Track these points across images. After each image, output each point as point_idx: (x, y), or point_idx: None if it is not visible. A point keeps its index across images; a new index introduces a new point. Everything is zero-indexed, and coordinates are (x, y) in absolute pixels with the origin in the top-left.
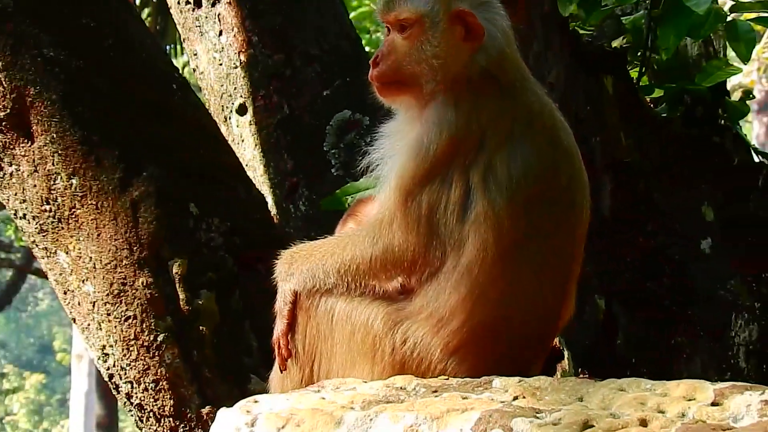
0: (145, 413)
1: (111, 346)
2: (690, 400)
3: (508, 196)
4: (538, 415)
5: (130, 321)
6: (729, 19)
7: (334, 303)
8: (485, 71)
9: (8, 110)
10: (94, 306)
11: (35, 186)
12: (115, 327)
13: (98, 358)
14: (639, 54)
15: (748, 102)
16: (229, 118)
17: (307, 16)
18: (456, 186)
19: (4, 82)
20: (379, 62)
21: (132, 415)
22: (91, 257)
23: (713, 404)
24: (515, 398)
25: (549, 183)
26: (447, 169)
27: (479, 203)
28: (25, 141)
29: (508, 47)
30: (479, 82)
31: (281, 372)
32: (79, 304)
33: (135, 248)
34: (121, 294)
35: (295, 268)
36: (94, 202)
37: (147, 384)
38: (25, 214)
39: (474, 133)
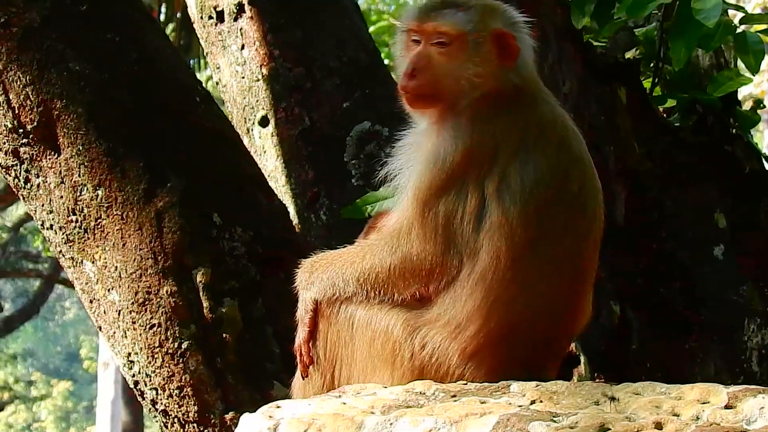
0: (169, 419)
1: (136, 353)
2: (704, 403)
3: (521, 205)
4: (555, 418)
5: (154, 329)
6: (738, 31)
7: (354, 310)
8: (514, 88)
9: (35, 123)
10: (119, 314)
11: (62, 197)
12: (140, 335)
13: (124, 366)
14: (651, 65)
15: (759, 112)
16: (252, 130)
17: (326, 30)
18: (471, 197)
19: (31, 96)
20: (415, 75)
21: (157, 422)
22: (116, 267)
23: (727, 407)
24: (532, 402)
25: (559, 190)
26: (462, 180)
27: (494, 213)
28: (52, 153)
29: (533, 69)
30: (500, 97)
31: (303, 378)
32: (104, 312)
33: (159, 257)
34: (146, 302)
35: (316, 277)
36: (119, 213)
37: (171, 390)
38: (52, 225)
39: (488, 145)
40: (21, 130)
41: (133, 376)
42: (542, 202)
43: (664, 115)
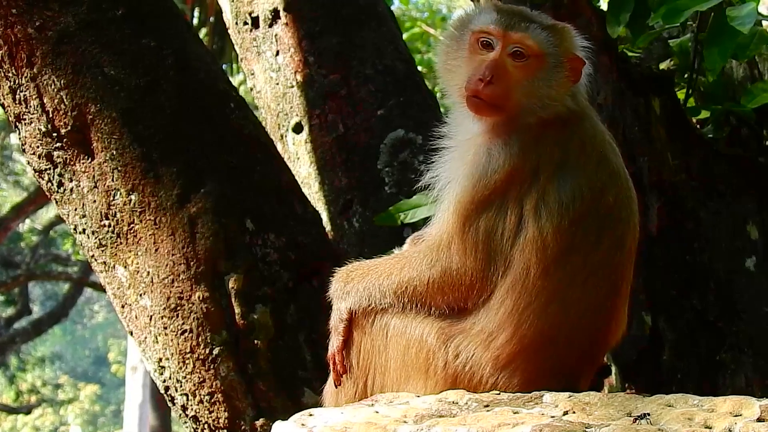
0: (200, 425)
1: (167, 359)
2: (736, 415)
3: (557, 220)
4: (587, 429)
5: (186, 334)
6: None
7: (388, 320)
8: (569, 110)
9: (69, 127)
10: (151, 319)
11: (95, 202)
12: (172, 340)
13: (154, 371)
14: (686, 76)
15: None
16: (285, 136)
17: (363, 37)
18: (511, 213)
19: (65, 100)
20: (492, 82)
21: (187, 427)
22: (148, 272)
23: (759, 420)
24: (565, 413)
25: (595, 203)
26: (503, 197)
27: (530, 229)
28: (86, 157)
29: (583, 94)
30: (555, 118)
31: (336, 387)
32: (136, 317)
33: (192, 263)
34: (178, 308)
35: (351, 287)
36: (152, 218)
37: (202, 396)
38: (84, 229)
39: (531, 163)
40: (55, 134)
41: (164, 381)
42: (577, 216)
43: (698, 126)
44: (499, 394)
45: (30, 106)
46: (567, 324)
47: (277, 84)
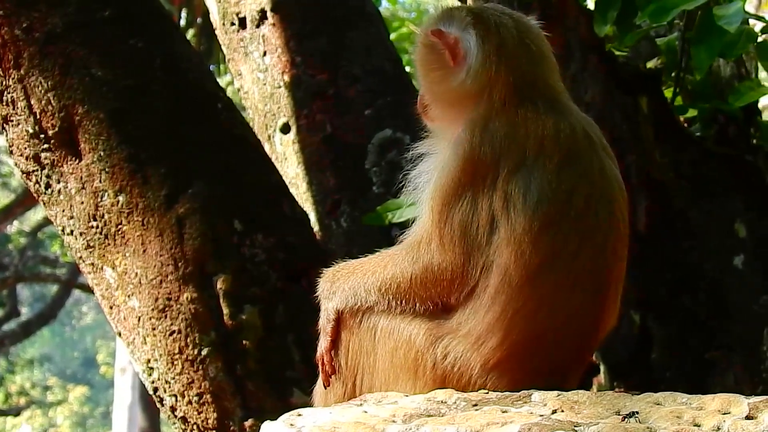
0: (188, 426)
1: (156, 359)
2: (725, 413)
3: (527, 223)
4: (576, 428)
5: (174, 335)
6: (760, 39)
7: (376, 320)
8: (473, 94)
9: (56, 128)
10: (139, 321)
11: (83, 203)
12: (160, 341)
13: (143, 372)
14: (673, 74)
15: None
16: (273, 137)
17: (351, 38)
18: (482, 208)
19: (52, 101)
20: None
21: (176, 428)
22: (136, 273)
23: (748, 417)
24: (554, 412)
25: (564, 206)
26: (471, 191)
27: (501, 229)
28: (73, 158)
29: (496, 71)
30: (486, 104)
31: (325, 388)
32: (124, 318)
33: (180, 264)
34: (166, 309)
35: (338, 286)
36: (140, 219)
37: (191, 397)
38: (72, 231)
39: (488, 155)
40: (42, 135)
41: (153, 382)
42: (547, 220)
43: (686, 124)
44: (487, 393)
45: (17, 108)
46: (558, 328)
47: (265, 84)
